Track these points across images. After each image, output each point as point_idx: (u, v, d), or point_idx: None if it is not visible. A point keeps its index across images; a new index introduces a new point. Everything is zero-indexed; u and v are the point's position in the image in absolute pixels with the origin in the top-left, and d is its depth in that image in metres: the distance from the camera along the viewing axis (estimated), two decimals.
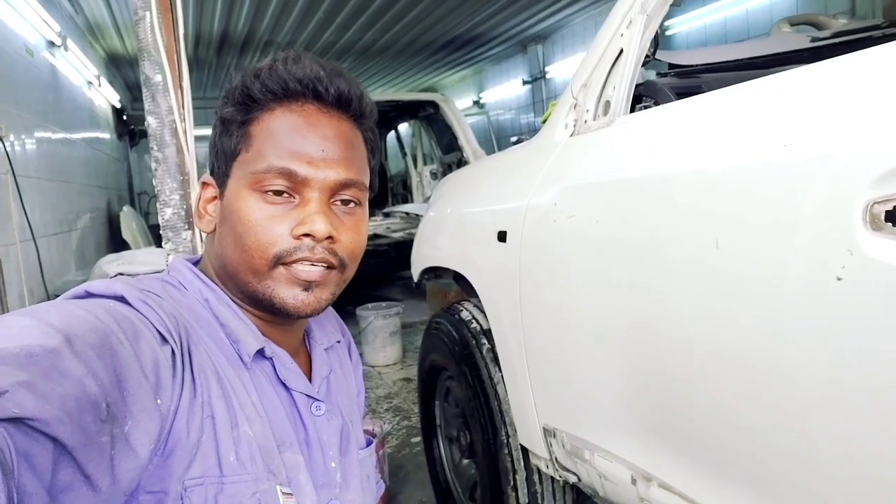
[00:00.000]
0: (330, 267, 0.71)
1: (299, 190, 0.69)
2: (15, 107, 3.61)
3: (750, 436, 0.86)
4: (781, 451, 0.81)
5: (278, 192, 0.69)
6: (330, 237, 0.69)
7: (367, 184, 0.76)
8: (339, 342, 0.91)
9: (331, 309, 0.89)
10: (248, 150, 0.70)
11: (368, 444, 0.88)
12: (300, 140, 0.69)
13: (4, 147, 2.88)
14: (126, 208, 6.53)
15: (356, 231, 0.74)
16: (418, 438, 2.71)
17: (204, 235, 0.92)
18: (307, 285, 0.70)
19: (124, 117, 9.15)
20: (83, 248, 5.18)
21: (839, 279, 0.69)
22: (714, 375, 0.89)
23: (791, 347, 0.76)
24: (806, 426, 0.77)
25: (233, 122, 0.72)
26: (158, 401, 0.57)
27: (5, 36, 3.68)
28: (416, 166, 6.85)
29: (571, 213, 1.21)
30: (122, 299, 0.62)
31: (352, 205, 0.74)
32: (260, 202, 0.69)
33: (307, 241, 0.68)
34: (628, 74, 1.20)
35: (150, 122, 1.62)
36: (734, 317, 0.84)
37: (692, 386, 0.94)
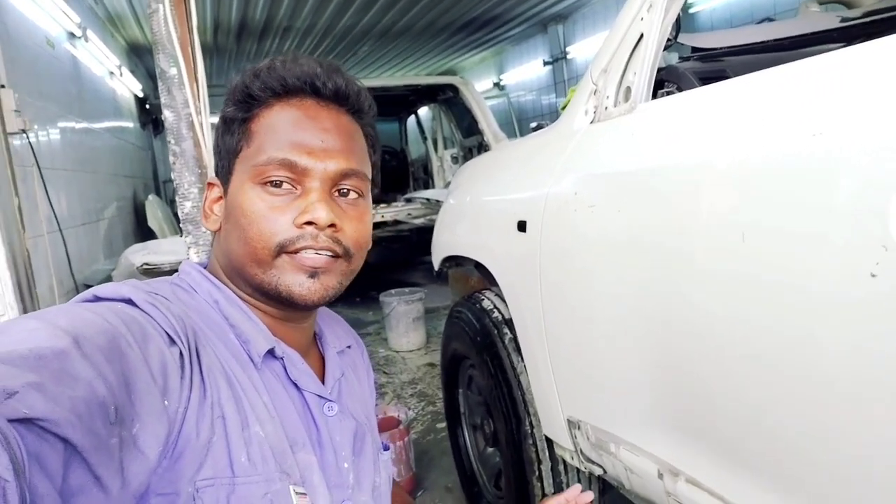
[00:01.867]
0: (335, 255, 0.71)
1: (300, 181, 0.70)
2: (39, 99, 3.64)
3: (778, 435, 0.83)
4: (811, 452, 0.79)
5: (279, 184, 0.70)
6: (332, 225, 0.70)
7: (370, 176, 0.77)
8: (349, 347, 0.91)
9: (341, 318, 0.90)
10: (250, 146, 0.72)
11: (385, 448, 0.89)
12: (300, 132, 0.71)
13: (29, 140, 2.91)
14: (151, 197, 6.59)
15: (360, 221, 0.75)
16: (443, 424, 2.71)
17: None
18: (313, 272, 0.70)
19: (147, 106, 9.22)
20: (111, 238, 5.25)
21: (873, 276, 0.66)
22: (742, 372, 0.87)
23: (821, 345, 0.74)
24: (836, 427, 0.74)
25: (234, 121, 0.73)
26: (166, 402, 0.57)
27: (27, 29, 3.71)
28: (436, 150, 6.83)
29: (592, 203, 1.18)
30: (129, 302, 0.62)
31: (354, 195, 0.75)
32: (262, 194, 0.70)
33: (310, 229, 0.69)
34: (649, 59, 1.16)
35: (167, 115, 1.62)
36: (761, 312, 0.81)
37: (719, 383, 0.92)
